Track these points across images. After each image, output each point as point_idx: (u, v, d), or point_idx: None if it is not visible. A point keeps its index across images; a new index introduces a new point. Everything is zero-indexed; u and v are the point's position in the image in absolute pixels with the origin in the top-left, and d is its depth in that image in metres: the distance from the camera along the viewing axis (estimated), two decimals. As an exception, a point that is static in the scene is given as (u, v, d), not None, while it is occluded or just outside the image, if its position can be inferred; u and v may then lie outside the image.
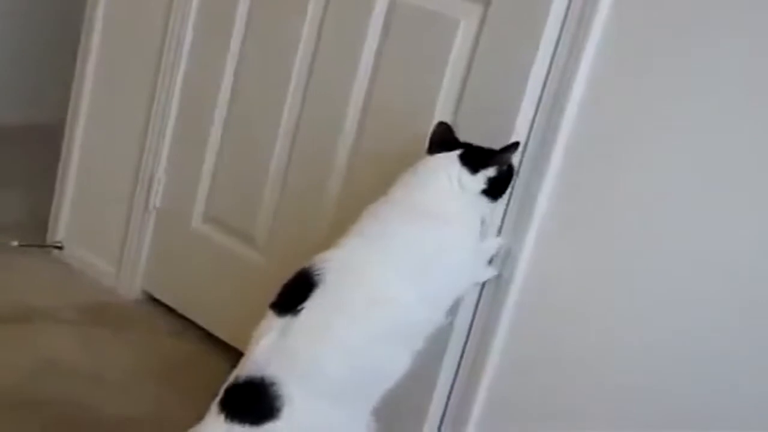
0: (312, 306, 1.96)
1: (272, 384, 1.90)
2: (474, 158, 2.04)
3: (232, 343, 2.79)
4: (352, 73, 2.50)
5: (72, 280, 3.09)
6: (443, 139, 2.10)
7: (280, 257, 2.70)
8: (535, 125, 2.15)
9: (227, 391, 1.95)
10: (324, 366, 1.93)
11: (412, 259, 2.00)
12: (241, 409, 1.92)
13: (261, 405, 1.91)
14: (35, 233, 3.26)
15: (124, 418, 2.36)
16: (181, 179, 2.93)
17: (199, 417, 2.00)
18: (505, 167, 2.07)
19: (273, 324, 1.99)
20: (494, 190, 2.07)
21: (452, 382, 2.30)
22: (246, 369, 1.95)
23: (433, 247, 2.02)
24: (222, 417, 1.93)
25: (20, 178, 3.77)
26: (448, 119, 2.21)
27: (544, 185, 2.14)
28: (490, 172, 2.04)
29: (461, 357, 2.28)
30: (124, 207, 3.06)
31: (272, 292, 2.67)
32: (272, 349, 1.95)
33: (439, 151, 2.08)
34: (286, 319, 1.97)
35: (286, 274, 2.65)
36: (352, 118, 2.52)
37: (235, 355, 2.73)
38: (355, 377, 1.96)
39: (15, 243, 3.17)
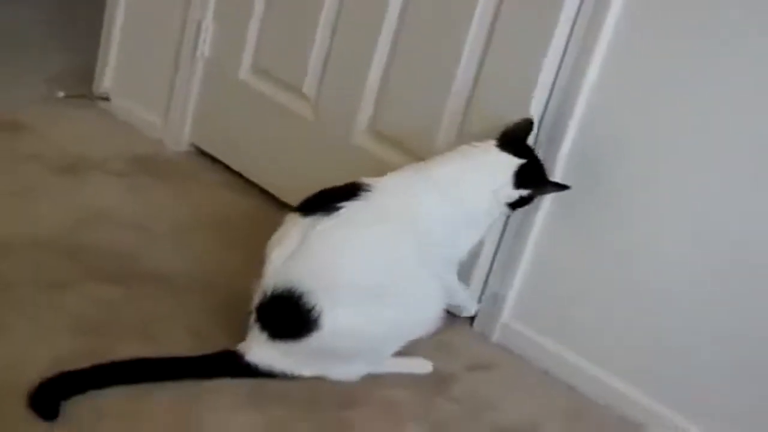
0: (353, 208, 1.99)
1: (302, 296, 1.93)
2: (527, 176, 2.08)
3: (280, 196, 2.77)
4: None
5: (119, 132, 3.06)
6: (517, 138, 2.12)
7: (329, 111, 2.65)
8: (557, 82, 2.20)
9: (260, 310, 1.99)
10: (346, 275, 1.97)
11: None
12: (279, 325, 1.98)
13: (297, 318, 1.95)
14: (82, 85, 3.22)
15: (170, 269, 2.35)
16: (230, 28, 2.85)
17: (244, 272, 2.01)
18: (538, 195, 2.14)
19: (294, 228, 2.01)
20: (517, 205, 2.12)
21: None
22: (272, 281, 1.97)
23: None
24: (264, 336, 1.98)
25: (67, 29, 3.71)
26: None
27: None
28: (526, 192, 2.09)
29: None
30: (171, 57, 2.99)
31: (320, 147, 2.65)
32: (295, 258, 1.97)
33: (506, 147, 2.10)
34: (312, 219, 1.99)
35: (335, 128, 2.61)
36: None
37: (283, 209, 2.73)
38: (378, 290, 1.99)
39: (61, 94, 3.13)
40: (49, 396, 1.80)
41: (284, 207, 2.74)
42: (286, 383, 2.02)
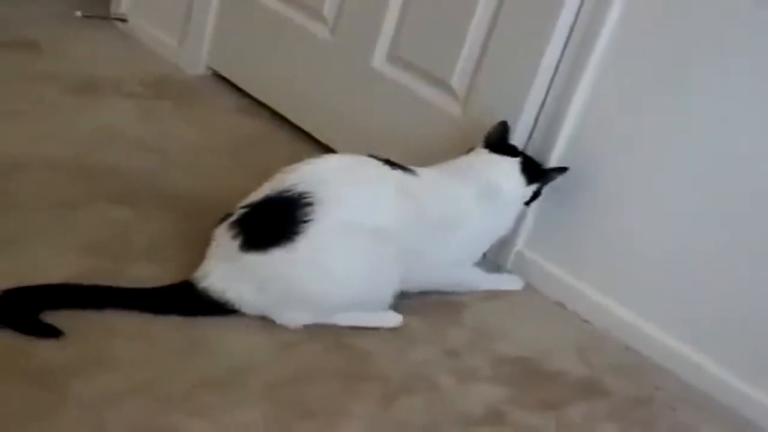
0: (408, 177, 2.03)
1: (308, 203, 1.89)
2: (531, 171, 2.16)
3: (295, 120, 2.75)
4: None
5: (136, 54, 3.04)
6: (501, 138, 2.19)
7: (348, 34, 2.61)
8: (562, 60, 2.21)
9: (253, 209, 1.93)
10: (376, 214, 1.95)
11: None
12: (264, 228, 1.91)
13: (286, 222, 1.89)
14: (99, 5, 3.19)
15: (182, 191, 2.34)
16: (247, -53, 2.82)
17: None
18: (545, 185, 2.20)
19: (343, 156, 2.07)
20: (529, 202, 2.21)
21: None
22: (287, 183, 1.93)
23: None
24: (234, 246, 1.91)
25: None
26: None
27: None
28: (536, 187, 2.17)
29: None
30: (189, -23, 2.96)
31: (338, 71, 2.62)
32: (331, 172, 1.96)
33: (495, 150, 2.16)
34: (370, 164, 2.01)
35: (354, 52, 2.58)
36: None
37: (300, 135, 2.72)
38: (375, 236, 1.95)
39: (78, 13, 3.11)
40: (14, 308, 1.78)
41: (298, 130, 2.74)
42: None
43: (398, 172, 2.02)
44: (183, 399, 1.72)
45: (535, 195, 2.19)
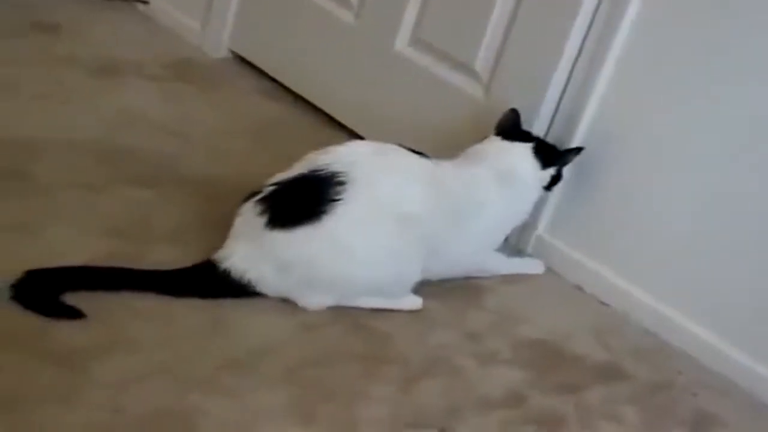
0: (435, 166, 2.04)
1: (339, 182, 1.89)
2: (546, 155, 2.15)
3: (318, 104, 2.75)
4: None
5: (158, 36, 3.04)
6: (513, 125, 2.18)
7: (372, 17, 2.61)
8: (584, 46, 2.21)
9: (283, 186, 1.93)
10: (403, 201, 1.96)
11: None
12: (292, 205, 1.91)
13: (315, 200, 1.90)
14: (121, -13, 3.20)
15: (204, 174, 2.35)
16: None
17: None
18: (563, 167, 2.18)
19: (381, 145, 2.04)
20: (550, 186, 2.19)
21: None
22: (320, 161, 1.93)
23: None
24: (260, 222, 1.91)
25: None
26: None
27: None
28: (554, 170, 2.16)
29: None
30: (211, -41, 2.96)
31: (362, 54, 2.61)
32: (366, 155, 1.97)
33: (508, 138, 2.16)
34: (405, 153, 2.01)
35: (377, 35, 2.57)
36: None
37: (322, 118, 2.72)
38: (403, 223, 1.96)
39: (101, -4, 3.11)
40: (36, 290, 1.79)
41: (321, 114, 2.73)
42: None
43: (425, 161, 2.02)
44: (203, 381, 1.73)
45: (555, 179, 2.18)
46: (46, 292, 1.79)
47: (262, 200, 1.92)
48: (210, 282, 1.92)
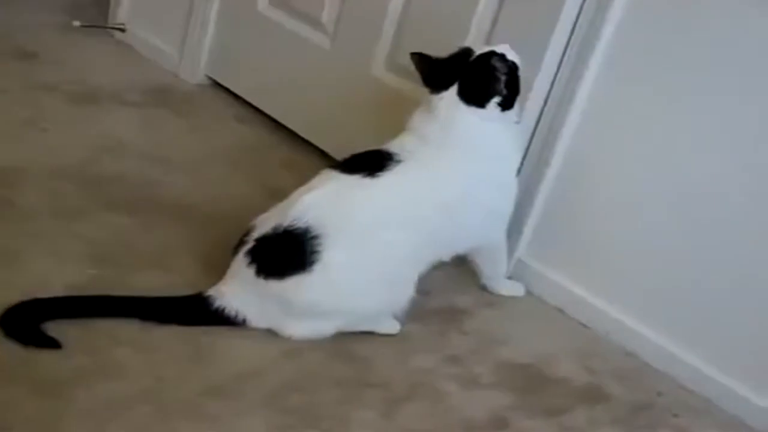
0: (392, 175, 1.97)
1: (315, 237, 1.89)
2: (474, 96, 2.02)
3: (296, 129, 2.76)
4: None
5: (135, 63, 3.04)
6: (432, 70, 2.07)
7: (347, 41, 2.62)
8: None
9: (263, 241, 1.93)
10: (379, 230, 1.94)
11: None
12: (275, 259, 1.92)
13: (296, 256, 1.90)
14: (98, 14, 3.20)
15: (184, 200, 2.35)
16: (246, -43, 2.82)
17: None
18: (506, 87, 2.02)
19: (330, 180, 1.98)
20: (506, 105, 2.04)
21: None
22: (292, 216, 1.92)
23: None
24: (250, 272, 1.92)
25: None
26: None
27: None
28: (497, 99, 2.02)
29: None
30: (188, -13, 2.97)
31: (338, 78, 2.62)
32: (326, 201, 1.93)
33: (436, 86, 2.05)
34: (353, 179, 1.97)
35: (353, 59, 2.59)
36: None
37: (299, 142, 2.73)
38: (404, 248, 1.96)
39: (77, 23, 3.11)
40: (21, 320, 1.78)
41: (299, 140, 2.74)
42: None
43: (386, 175, 1.98)
44: (186, 407, 1.72)
45: (506, 98, 2.03)
46: (28, 321, 1.79)
47: (248, 253, 1.94)
48: (202, 315, 1.93)
